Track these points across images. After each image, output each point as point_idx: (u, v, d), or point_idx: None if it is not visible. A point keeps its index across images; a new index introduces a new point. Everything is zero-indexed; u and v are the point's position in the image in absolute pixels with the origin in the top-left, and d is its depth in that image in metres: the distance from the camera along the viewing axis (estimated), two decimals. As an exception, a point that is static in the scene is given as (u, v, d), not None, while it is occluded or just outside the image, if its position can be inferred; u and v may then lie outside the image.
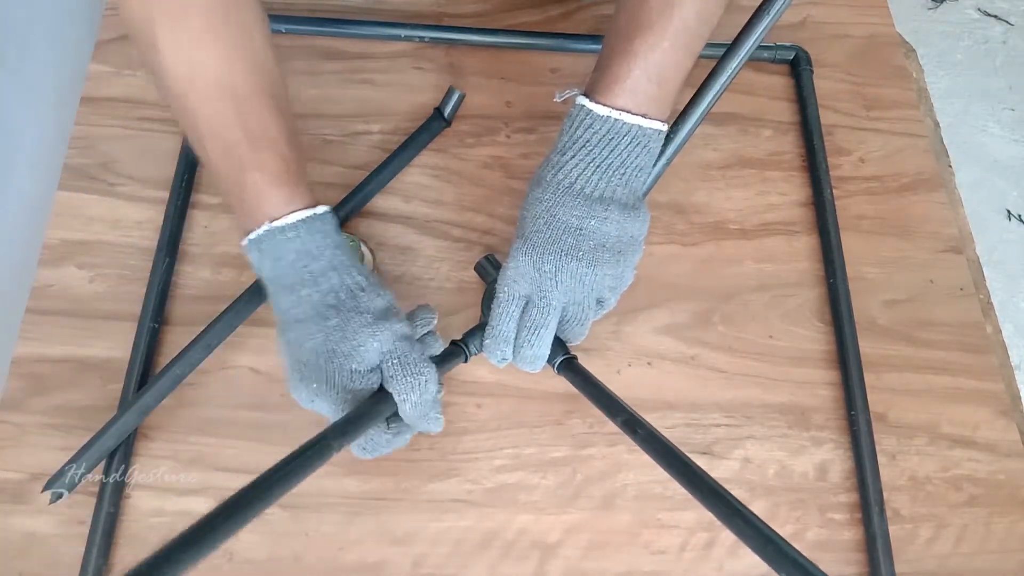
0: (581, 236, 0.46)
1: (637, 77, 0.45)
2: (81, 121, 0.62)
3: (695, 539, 0.51)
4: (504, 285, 0.47)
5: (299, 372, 0.45)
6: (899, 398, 0.56)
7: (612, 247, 0.46)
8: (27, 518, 0.49)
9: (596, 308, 0.49)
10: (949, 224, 0.63)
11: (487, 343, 0.48)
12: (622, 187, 0.46)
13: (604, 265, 0.46)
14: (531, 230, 0.47)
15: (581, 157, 0.46)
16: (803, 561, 0.34)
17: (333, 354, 0.43)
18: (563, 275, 0.46)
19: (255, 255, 0.45)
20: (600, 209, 0.46)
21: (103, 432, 0.48)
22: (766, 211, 0.63)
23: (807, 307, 0.59)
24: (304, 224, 0.44)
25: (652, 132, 0.46)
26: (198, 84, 0.42)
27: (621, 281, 0.49)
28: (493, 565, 0.50)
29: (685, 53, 0.45)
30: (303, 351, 0.44)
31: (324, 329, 0.44)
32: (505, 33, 0.68)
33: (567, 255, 0.46)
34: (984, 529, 0.53)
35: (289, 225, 0.44)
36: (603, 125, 0.45)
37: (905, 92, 0.69)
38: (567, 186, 0.46)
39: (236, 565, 0.48)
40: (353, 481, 0.51)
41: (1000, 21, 1.66)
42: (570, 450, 0.53)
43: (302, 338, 0.44)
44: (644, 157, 0.46)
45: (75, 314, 0.55)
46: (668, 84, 0.45)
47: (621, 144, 0.45)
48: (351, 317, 0.44)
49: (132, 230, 0.58)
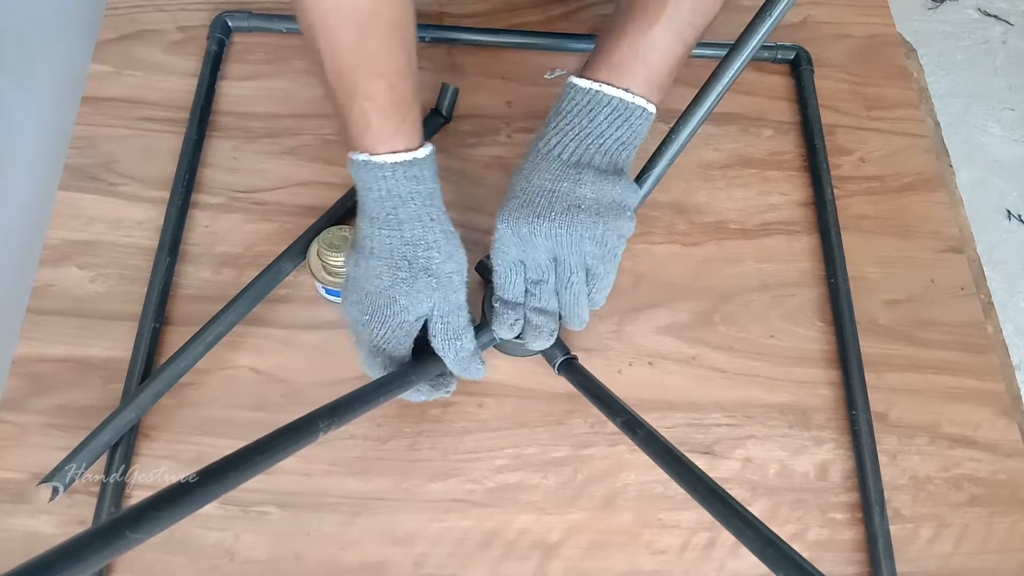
0: (554, 197, 0.46)
1: (624, 54, 0.46)
2: (82, 121, 0.62)
3: (696, 539, 0.51)
4: (494, 255, 0.49)
5: (358, 295, 0.48)
6: (900, 398, 0.56)
7: (588, 208, 0.46)
8: (28, 518, 0.49)
9: (589, 280, 0.48)
10: (950, 224, 0.63)
11: (496, 308, 0.49)
12: (599, 155, 0.47)
13: (579, 225, 0.46)
14: (509, 196, 0.48)
15: (562, 127, 0.47)
16: (802, 562, 0.34)
17: (393, 301, 0.47)
18: (538, 237, 0.46)
19: (352, 173, 0.47)
20: (573, 172, 0.46)
21: (100, 428, 0.48)
22: (767, 211, 0.63)
23: (808, 307, 0.59)
24: (401, 167, 0.45)
25: (634, 107, 0.46)
26: (324, 3, 0.43)
27: (604, 247, 0.47)
28: (494, 565, 0.50)
29: (675, 39, 0.46)
30: (370, 282, 0.47)
31: (393, 277, 0.47)
32: (506, 33, 0.68)
33: (540, 216, 0.46)
34: (985, 529, 0.53)
35: (386, 164, 0.45)
36: (584, 96, 0.46)
37: (906, 92, 0.69)
38: (545, 153, 0.47)
39: (237, 565, 0.48)
40: (354, 481, 0.51)
41: (1000, 21, 1.66)
42: (571, 450, 0.53)
43: (372, 272, 0.47)
44: (624, 131, 0.47)
45: (76, 314, 0.55)
46: (655, 66, 0.46)
47: (601, 115, 0.46)
48: (419, 276, 0.47)
49: (133, 230, 0.58)
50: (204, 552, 0.48)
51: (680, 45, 0.46)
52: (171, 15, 0.67)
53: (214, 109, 0.63)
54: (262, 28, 0.66)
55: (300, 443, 0.37)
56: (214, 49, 0.64)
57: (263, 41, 0.67)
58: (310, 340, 0.55)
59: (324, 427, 0.38)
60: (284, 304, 0.56)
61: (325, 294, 0.55)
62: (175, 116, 0.62)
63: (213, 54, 0.64)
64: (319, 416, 0.39)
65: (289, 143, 0.62)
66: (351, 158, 0.46)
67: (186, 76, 0.64)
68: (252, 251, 0.58)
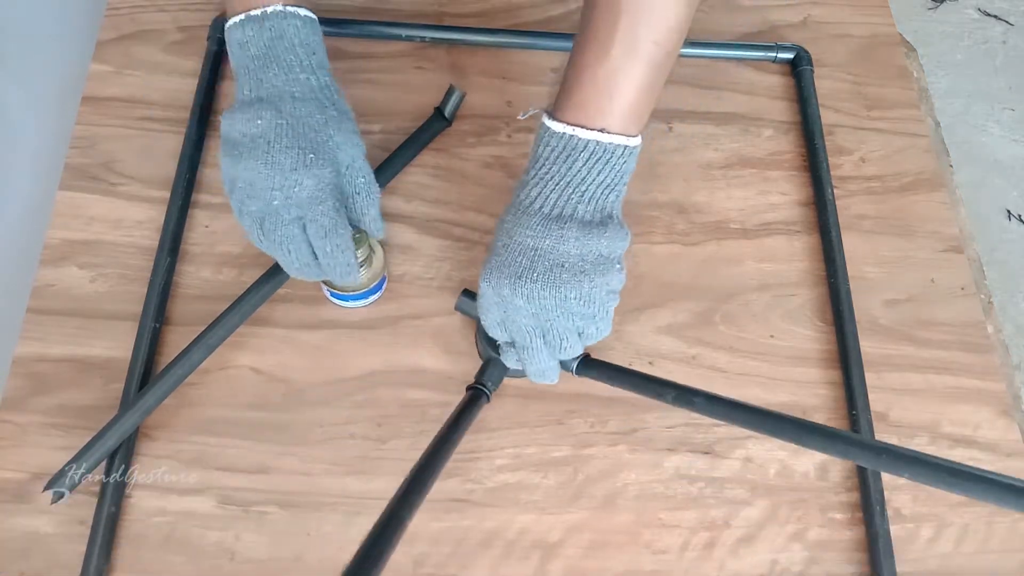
0: (536, 256, 0.44)
1: (587, 91, 0.43)
2: (82, 121, 0.62)
3: (696, 539, 0.51)
4: (481, 315, 0.48)
5: (226, 148, 0.48)
6: (900, 398, 0.56)
7: (572, 267, 0.44)
8: (28, 518, 0.49)
9: (583, 340, 0.48)
10: (950, 224, 0.63)
11: (501, 347, 0.50)
12: (583, 205, 0.44)
13: (564, 286, 0.44)
14: (491, 254, 0.47)
15: (541, 176, 0.45)
16: (919, 454, 0.35)
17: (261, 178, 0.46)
18: (519, 298, 0.45)
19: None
20: (556, 227, 0.44)
21: (104, 432, 0.48)
22: (767, 211, 0.63)
23: (808, 307, 0.59)
24: (249, 21, 0.47)
25: (613, 147, 0.43)
26: None
27: (592, 305, 0.46)
28: (494, 564, 0.50)
29: (639, 62, 0.43)
30: (233, 132, 0.48)
31: (323, 116, 0.47)
32: (506, 33, 0.68)
33: (521, 277, 0.44)
34: (985, 528, 0.53)
35: (236, 23, 0.47)
36: (559, 142, 0.44)
37: (906, 92, 0.69)
38: (526, 206, 0.45)
39: (237, 565, 0.48)
40: (354, 481, 0.51)
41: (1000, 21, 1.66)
42: (571, 450, 0.53)
43: (235, 124, 0.48)
44: (607, 174, 0.44)
45: (76, 314, 0.55)
46: (625, 97, 0.43)
47: (579, 160, 0.44)
48: (281, 150, 0.46)
49: (133, 230, 0.58)
50: (204, 552, 0.48)
51: (646, 66, 0.43)
52: (171, 15, 0.67)
53: (214, 109, 0.63)
54: (262, 28, 0.66)
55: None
56: (214, 49, 0.64)
57: (263, 41, 0.66)
58: (311, 340, 0.55)
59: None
60: (285, 304, 0.56)
61: (331, 297, 0.55)
62: (175, 116, 0.62)
63: (213, 54, 0.64)
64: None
65: (289, 143, 0.62)
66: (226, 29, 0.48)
67: (186, 76, 0.64)
68: (252, 251, 0.58)
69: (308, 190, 0.46)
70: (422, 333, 0.56)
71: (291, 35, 0.47)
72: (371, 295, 0.55)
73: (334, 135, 0.48)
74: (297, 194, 0.46)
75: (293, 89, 0.47)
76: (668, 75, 0.45)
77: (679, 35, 0.44)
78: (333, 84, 0.50)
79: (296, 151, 0.46)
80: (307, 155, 0.46)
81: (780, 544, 0.51)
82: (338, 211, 0.48)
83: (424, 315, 0.56)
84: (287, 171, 0.46)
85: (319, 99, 0.48)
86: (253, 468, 0.51)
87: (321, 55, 0.50)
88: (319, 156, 0.46)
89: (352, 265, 0.49)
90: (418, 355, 0.55)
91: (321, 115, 0.47)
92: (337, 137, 0.48)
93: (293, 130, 0.46)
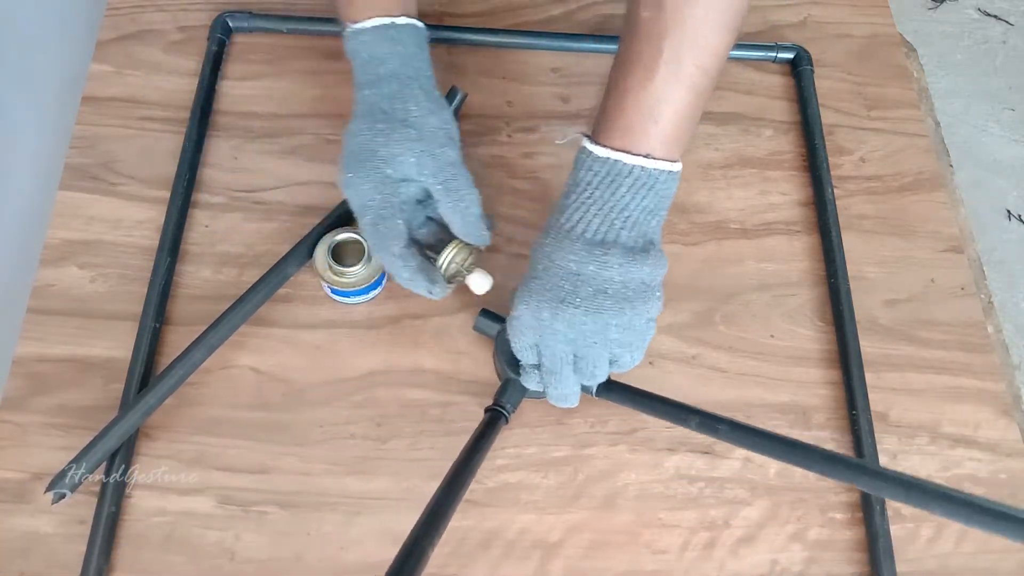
0: (579, 281, 0.44)
1: (631, 117, 0.43)
2: (82, 121, 0.62)
3: (696, 539, 0.51)
4: (512, 337, 0.47)
5: (343, 159, 0.50)
6: (900, 397, 0.56)
7: (615, 294, 0.44)
8: (28, 518, 0.49)
9: (611, 367, 0.47)
10: (950, 223, 0.63)
11: (523, 368, 0.49)
12: (627, 230, 0.44)
13: (606, 313, 0.44)
14: (530, 276, 0.46)
15: (583, 200, 0.44)
16: (952, 492, 0.35)
17: (372, 154, 0.48)
18: (559, 323, 0.44)
19: (346, 51, 0.51)
20: (599, 252, 0.44)
21: (105, 432, 0.48)
22: (767, 211, 0.63)
23: (808, 306, 0.59)
24: (379, 30, 0.49)
25: (657, 173, 0.43)
26: None
27: (631, 333, 0.45)
28: (494, 564, 0.50)
29: (682, 88, 0.43)
30: (352, 142, 0.49)
31: (372, 130, 0.49)
32: (506, 33, 0.68)
33: (564, 302, 0.44)
34: (985, 528, 0.53)
35: (365, 28, 0.49)
36: (603, 167, 0.43)
37: (906, 92, 0.69)
38: (568, 230, 0.45)
39: (237, 565, 0.48)
40: (354, 481, 0.51)
41: (1000, 21, 1.66)
42: (571, 450, 0.53)
43: (354, 131, 0.50)
44: (651, 199, 0.44)
45: (76, 314, 0.55)
46: (669, 122, 0.43)
47: (623, 186, 0.43)
48: (397, 127, 0.48)
49: (133, 230, 0.58)
50: (204, 552, 0.48)
51: (690, 91, 0.43)
52: (172, 15, 0.67)
53: (214, 109, 0.63)
54: (263, 28, 0.66)
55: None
56: (214, 49, 0.64)
57: (263, 41, 0.67)
58: (311, 339, 0.55)
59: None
60: (285, 303, 0.56)
61: (332, 294, 0.55)
62: (175, 116, 0.62)
63: (213, 54, 0.64)
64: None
65: (289, 143, 0.62)
66: (343, 38, 0.50)
67: (186, 76, 0.64)
68: (252, 250, 0.58)
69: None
70: (422, 333, 0.56)
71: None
72: (371, 291, 0.55)
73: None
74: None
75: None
76: (709, 99, 0.45)
77: (722, 60, 0.44)
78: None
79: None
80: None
81: (780, 544, 0.51)
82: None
83: (424, 315, 0.56)
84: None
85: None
86: (253, 468, 0.51)
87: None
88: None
89: (410, 278, 0.50)
90: (418, 355, 0.55)
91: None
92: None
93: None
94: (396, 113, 0.48)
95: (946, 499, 0.36)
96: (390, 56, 0.49)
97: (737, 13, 0.43)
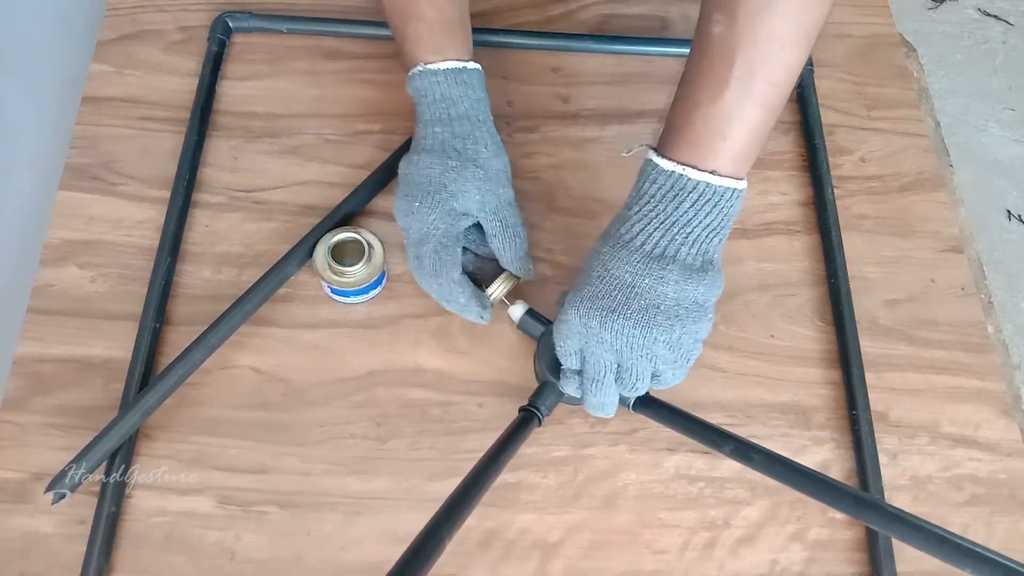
0: (633, 293, 0.43)
1: (700, 130, 0.42)
2: (82, 121, 0.62)
3: (696, 539, 0.51)
4: (558, 340, 0.47)
5: (408, 189, 0.52)
6: (900, 397, 0.56)
7: (667, 310, 0.43)
8: (28, 518, 0.49)
9: (653, 381, 0.47)
10: (950, 223, 0.63)
11: (563, 372, 0.49)
12: (687, 247, 0.43)
13: (656, 328, 0.43)
14: (583, 282, 0.46)
15: (645, 212, 0.44)
16: (981, 550, 0.35)
17: (442, 187, 0.51)
18: (607, 333, 0.44)
19: (410, 89, 0.53)
20: (657, 267, 0.43)
21: (105, 432, 0.48)
22: (767, 211, 0.63)
23: (808, 306, 0.59)
24: (452, 72, 0.52)
25: (723, 190, 0.42)
26: None
27: (678, 351, 0.45)
28: (494, 564, 0.50)
29: (753, 104, 0.42)
30: (420, 174, 0.52)
31: (444, 165, 0.51)
32: (506, 33, 0.68)
33: (614, 312, 0.43)
34: (985, 529, 0.53)
35: (439, 70, 0.52)
36: (668, 180, 0.43)
37: (906, 92, 0.69)
38: (627, 240, 0.44)
39: (237, 565, 0.48)
40: (354, 481, 0.51)
41: (1000, 21, 1.66)
42: (571, 449, 0.53)
43: (423, 164, 0.52)
44: (714, 216, 0.43)
45: (76, 314, 0.55)
46: (738, 139, 0.42)
47: (687, 201, 0.43)
48: (468, 165, 0.51)
49: (133, 230, 0.58)
50: (204, 552, 0.48)
51: (760, 108, 0.42)
52: (172, 15, 0.67)
53: (214, 109, 0.63)
54: (263, 28, 0.66)
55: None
56: (215, 49, 0.64)
57: (263, 41, 0.67)
58: (311, 339, 0.55)
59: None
60: (285, 303, 0.56)
61: (332, 294, 0.55)
62: (175, 116, 0.62)
63: (214, 54, 0.64)
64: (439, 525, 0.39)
65: (289, 143, 0.62)
66: (409, 75, 0.53)
67: (186, 76, 0.64)
68: (252, 250, 0.58)
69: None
70: (422, 333, 0.56)
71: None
72: (371, 291, 0.55)
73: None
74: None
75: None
76: (778, 117, 0.44)
77: (795, 76, 0.43)
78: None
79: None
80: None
81: (780, 544, 0.51)
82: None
83: (424, 315, 0.56)
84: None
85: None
86: (253, 468, 0.51)
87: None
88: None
89: (465, 304, 0.53)
90: (418, 355, 0.55)
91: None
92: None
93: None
94: (467, 153, 0.52)
95: (984, 560, 0.36)
96: (462, 98, 0.52)
97: (814, 26, 0.42)
